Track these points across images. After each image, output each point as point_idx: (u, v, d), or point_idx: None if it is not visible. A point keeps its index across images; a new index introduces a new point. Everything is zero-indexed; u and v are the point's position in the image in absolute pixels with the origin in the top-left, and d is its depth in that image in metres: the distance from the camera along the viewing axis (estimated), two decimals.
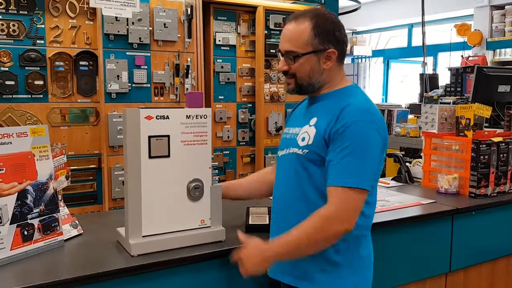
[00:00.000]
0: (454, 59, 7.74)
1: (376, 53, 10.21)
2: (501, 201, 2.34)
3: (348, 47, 11.28)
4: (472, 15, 7.59)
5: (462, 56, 7.43)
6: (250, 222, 1.81)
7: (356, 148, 1.38)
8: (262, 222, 1.81)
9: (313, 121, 1.50)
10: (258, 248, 1.46)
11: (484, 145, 2.31)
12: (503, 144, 2.38)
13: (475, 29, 7.38)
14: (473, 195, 2.33)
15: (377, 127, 1.42)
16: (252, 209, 1.94)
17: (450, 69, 5.40)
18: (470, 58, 7.14)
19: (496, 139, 2.37)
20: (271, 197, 1.72)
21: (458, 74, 4.92)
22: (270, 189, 1.73)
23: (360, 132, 1.39)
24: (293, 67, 1.51)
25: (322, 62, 1.50)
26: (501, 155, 2.38)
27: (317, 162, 1.45)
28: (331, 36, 1.48)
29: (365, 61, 10.54)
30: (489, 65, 7.02)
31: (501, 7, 7.18)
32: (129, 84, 3.12)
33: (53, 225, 1.59)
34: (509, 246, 2.41)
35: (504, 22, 7.11)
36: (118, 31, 3.04)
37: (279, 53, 1.55)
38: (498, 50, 7.34)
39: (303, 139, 1.50)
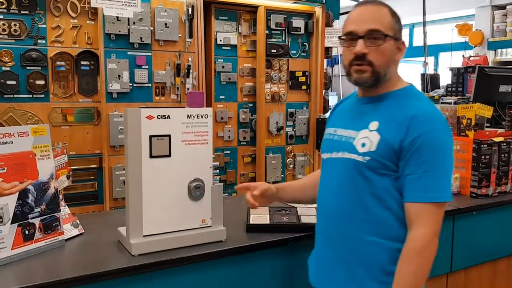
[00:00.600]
0: (455, 59, 7.73)
1: None
2: (502, 201, 2.34)
3: None
4: (474, 15, 7.59)
5: (463, 56, 7.43)
6: (251, 222, 1.81)
7: (436, 160, 1.32)
8: (263, 221, 1.81)
9: (374, 125, 1.40)
10: None
11: (485, 145, 2.31)
12: (505, 144, 2.38)
13: (477, 29, 7.38)
14: (474, 195, 2.33)
15: (449, 132, 1.37)
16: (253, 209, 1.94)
17: (451, 69, 5.39)
18: (471, 58, 7.14)
19: (497, 139, 2.37)
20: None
21: (459, 74, 4.92)
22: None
23: (438, 142, 1.33)
24: (375, 51, 1.37)
25: (396, 52, 1.42)
26: (502, 155, 2.38)
27: (379, 170, 1.37)
28: (401, 28, 1.43)
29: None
30: (490, 65, 7.01)
31: (502, 7, 7.18)
32: (130, 84, 3.12)
33: (54, 224, 1.59)
34: (510, 246, 2.41)
35: (506, 22, 7.11)
36: (119, 31, 3.04)
37: (348, 38, 1.40)
38: (499, 50, 7.34)
39: (363, 145, 1.39)
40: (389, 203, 1.38)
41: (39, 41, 2.86)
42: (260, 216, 1.86)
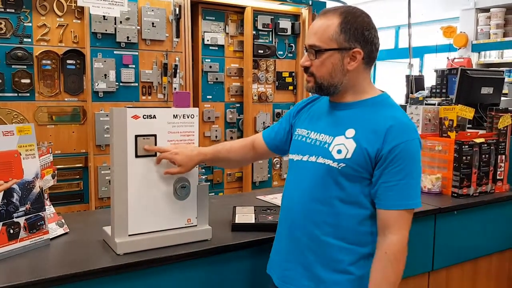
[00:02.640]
0: (440, 61, 7.83)
1: None
2: (483, 201, 2.39)
3: None
4: (458, 17, 7.69)
5: (448, 58, 7.53)
6: (236, 221, 1.82)
7: (411, 169, 1.37)
8: (248, 221, 1.83)
9: (350, 133, 1.42)
10: None
11: (467, 146, 2.36)
12: (485, 145, 2.43)
13: (461, 32, 7.48)
14: (455, 195, 2.37)
15: (420, 141, 1.42)
16: (238, 208, 1.96)
17: (435, 70, 5.46)
18: (455, 60, 7.24)
19: (478, 140, 2.41)
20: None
21: (443, 75, 4.98)
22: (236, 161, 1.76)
23: (412, 151, 1.38)
24: (314, 63, 1.44)
25: (346, 62, 1.41)
26: (483, 156, 2.43)
27: (352, 177, 1.40)
28: (358, 35, 1.39)
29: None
30: (474, 67, 7.12)
31: (486, 10, 7.29)
32: (117, 83, 3.11)
33: (39, 223, 1.59)
34: (491, 246, 2.46)
35: (489, 25, 7.22)
36: (106, 30, 3.04)
37: (305, 48, 1.49)
38: (483, 53, 7.45)
39: (339, 151, 1.41)
40: (358, 209, 1.42)
41: (24, 39, 2.85)
42: (246, 216, 1.87)
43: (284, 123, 1.69)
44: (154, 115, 1.56)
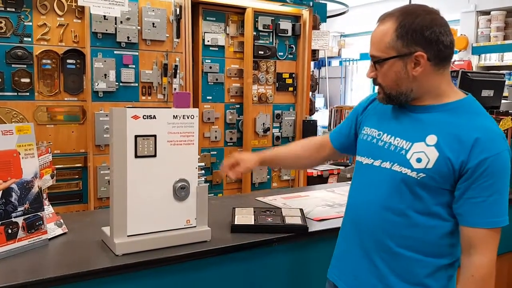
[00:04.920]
0: None
1: (364, 56, 10.29)
2: None
3: (336, 50, 11.21)
4: (459, 20, 7.70)
5: None
6: (235, 222, 1.82)
7: (501, 184, 1.27)
8: (248, 222, 1.82)
9: (432, 140, 1.30)
10: None
11: None
12: None
13: (461, 34, 7.49)
14: None
15: (510, 153, 1.31)
16: (238, 209, 1.95)
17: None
18: (456, 63, 7.24)
19: None
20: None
21: None
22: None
23: (503, 165, 1.27)
24: (379, 74, 1.36)
25: (411, 68, 1.30)
26: None
27: (431, 188, 1.30)
28: (418, 37, 1.27)
29: (353, 64, 10.62)
30: (474, 69, 7.12)
31: (486, 12, 7.30)
32: (117, 83, 3.11)
33: (37, 223, 1.58)
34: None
35: (490, 28, 7.24)
36: (106, 30, 3.03)
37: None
38: (483, 55, 7.46)
39: (418, 160, 1.30)
40: (438, 221, 1.33)
41: (25, 39, 2.84)
42: (245, 217, 1.87)
43: (351, 121, 1.61)
44: (154, 116, 1.56)
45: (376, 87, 1.42)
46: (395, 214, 1.35)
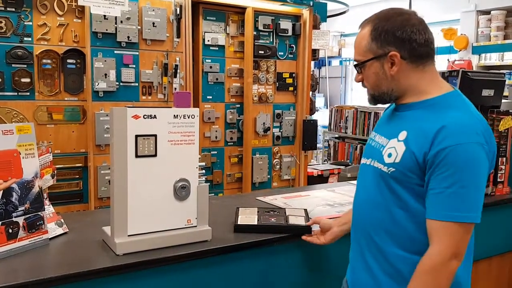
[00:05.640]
0: (441, 63, 7.83)
1: None
2: (483, 204, 2.37)
3: (336, 50, 11.20)
4: (459, 19, 7.70)
5: (448, 60, 7.53)
6: (238, 222, 1.82)
7: (462, 176, 1.22)
8: (251, 222, 1.82)
9: (403, 135, 1.34)
10: None
11: None
12: None
13: (461, 34, 7.49)
14: None
15: (485, 148, 1.25)
16: (242, 209, 1.95)
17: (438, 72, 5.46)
18: (456, 62, 7.25)
19: None
20: None
21: (444, 77, 4.97)
22: None
23: (466, 156, 1.22)
24: (363, 77, 1.43)
25: (388, 67, 1.36)
26: None
27: (405, 183, 1.32)
28: (390, 37, 1.33)
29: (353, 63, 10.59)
30: (474, 69, 7.12)
31: (487, 12, 7.30)
32: (117, 83, 3.11)
33: (38, 223, 1.58)
34: (491, 248, 2.46)
35: (490, 27, 7.23)
36: (106, 30, 3.03)
37: None
38: (483, 55, 7.46)
39: (389, 155, 1.35)
40: (416, 217, 1.33)
41: (25, 38, 2.84)
42: (248, 217, 1.87)
43: None
44: (155, 115, 1.56)
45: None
46: (379, 210, 1.40)
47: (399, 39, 1.33)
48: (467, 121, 1.27)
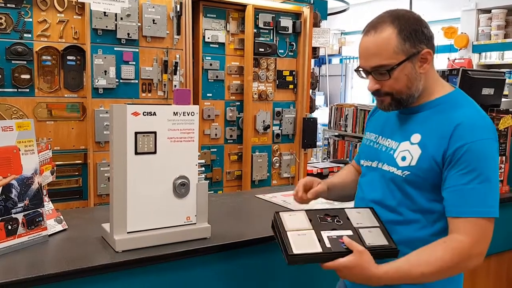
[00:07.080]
0: (441, 61, 7.83)
1: None
2: None
3: (337, 48, 11.21)
4: (459, 18, 7.69)
5: (448, 58, 7.52)
6: (295, 252, 1.24)
7: (482, 172, 1.23)
8: (312, 248, 1.26)
9: (416, 138, 1.34)
10: (366, 271, 1.24)
11: None
12: None
13: (462, 32, 7.48)
14: None
15: (497, 143, 1.29)
16: (284, 215, 1.37)
17: (436, 71, 5.46)
18: (456, 61, 7.24)
19: None
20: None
21: (444, 76, 4.96)
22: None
23: (484, 152, 1.24)
24: (387, 83, 1.32)
25: (418, 67, 1.32)
26: None
27: (419, 185, 1.32)
28: (420, 35, 1.31)
29: (354, 61, 10.61)
30: (474, 68, 7.12)
31: (487, 11, 7.29)
32: (117, 80, 3.10)
33: (37, 220, 1.58)
34: (489, 247, 2.45)
35: (490, 26, 7.23)
36: (107, 26, 3.03)
37: (361, 72, 1.37)
38: (483, 54, 7.46)
39: (403, 159, 1.34)
40: (428, 218, 1.34)
41: (25, 35, 2.83)
42: (303, 237, 1.32)
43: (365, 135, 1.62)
44: (154, 112, 1.55)
45: (377, 98, 1.39)
46: (388, 210, 1.39)
47: (427, 36, 1.33)
48: (481, 118, 1.30)
